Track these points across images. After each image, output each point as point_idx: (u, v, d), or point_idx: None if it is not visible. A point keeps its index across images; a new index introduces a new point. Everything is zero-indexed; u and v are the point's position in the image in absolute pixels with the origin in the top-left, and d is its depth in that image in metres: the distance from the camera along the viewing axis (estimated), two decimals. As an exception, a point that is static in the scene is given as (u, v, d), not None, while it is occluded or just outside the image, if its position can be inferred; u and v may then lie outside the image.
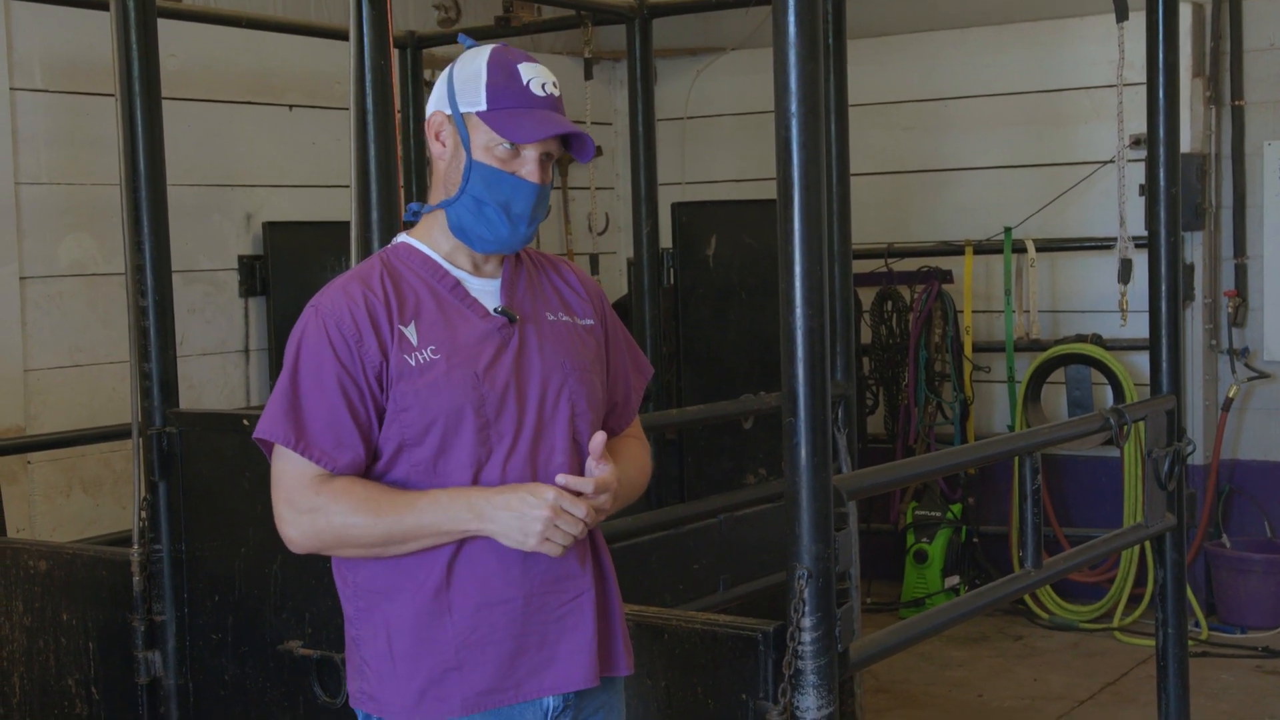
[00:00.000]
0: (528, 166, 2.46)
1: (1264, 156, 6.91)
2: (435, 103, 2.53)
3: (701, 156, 8.27)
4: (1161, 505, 4.18)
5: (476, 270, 2.55)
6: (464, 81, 2.48)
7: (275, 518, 2.46)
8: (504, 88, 2.45)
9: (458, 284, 2.52)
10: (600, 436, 2.45)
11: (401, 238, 2.59)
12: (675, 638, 3.01)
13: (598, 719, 2.58)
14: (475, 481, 2.43)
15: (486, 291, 2.53)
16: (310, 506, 2.42)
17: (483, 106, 2.45)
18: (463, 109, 2.47)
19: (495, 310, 2.51)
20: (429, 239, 2.56)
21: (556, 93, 2.49)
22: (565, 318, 2.59)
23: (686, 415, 5.21)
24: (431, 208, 2.54)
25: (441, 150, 2.52)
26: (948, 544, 7.06)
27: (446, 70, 2.54)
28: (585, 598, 2.50)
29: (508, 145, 2.45)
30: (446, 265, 2.54)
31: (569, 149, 2.52)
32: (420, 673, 2.44)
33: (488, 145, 2.46)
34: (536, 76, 2.47)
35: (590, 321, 2.62)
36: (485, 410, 2.43)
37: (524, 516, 2.37)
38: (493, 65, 2.47)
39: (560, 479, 2.41)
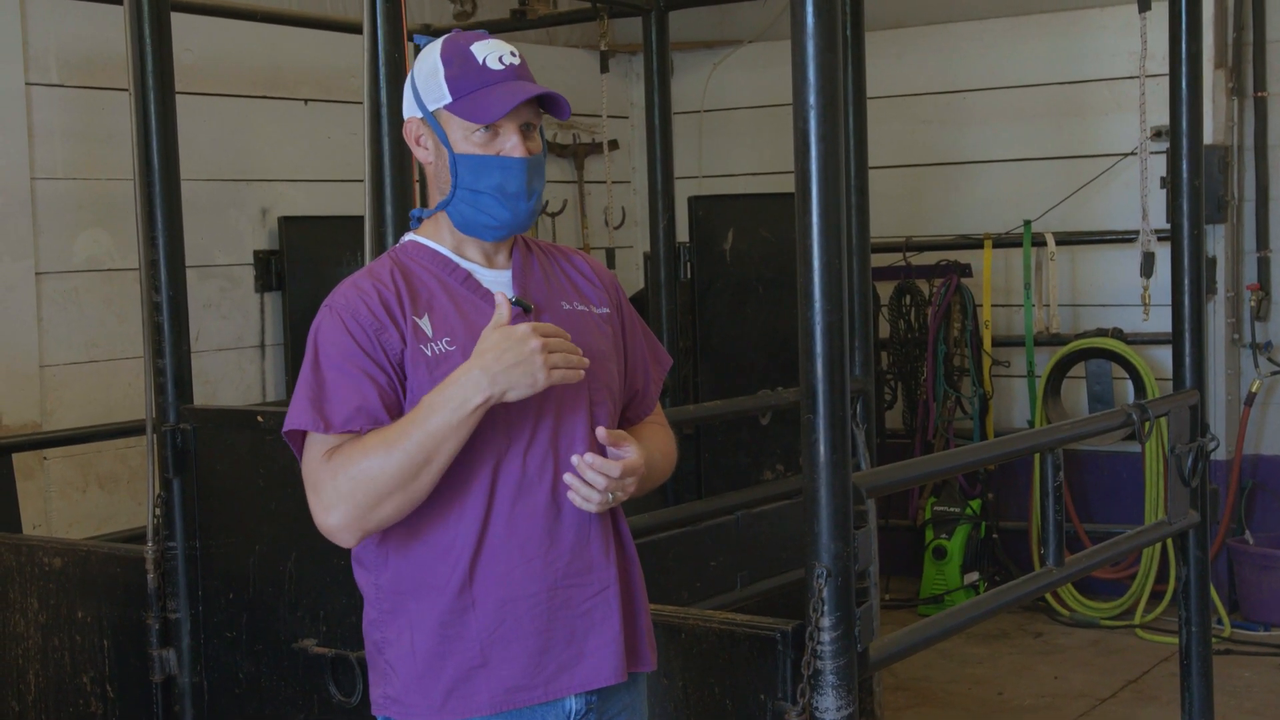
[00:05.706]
0: (510, 142, 2.44)
1: (1287, 149, 6.87)
2: (407, 109, 2.53)
3: (718, 150, 8.23)
4: (1185, 502, 4.14)
5: (488, 262, 2.53)
6: (425, 80, 2.47)
7: (313, 517, 2.38)
8: (462, 74, 2.44)
9: (469, 276, 2.50)
10: (602, 430, 2.42)
11: (409, 237, 2.58)
12: (692, 637, 2.98)
13: (620, 720, 2.55)
14: (496, 474, 2.40)
15: (499, 283, 2.51)
16: (334, 479, 2.34)
17: (448, 99, 2.44)
18: (431, 107, 2.47)
19: (510, 301, 2.48)
20: (436, 236, 2.54)
21: (517, 61, 2.47)
22: (581, 306, 2.56)
23: (703, 410, 5.18)
24: (431, 211, 2.53)
25: (425, 154, 2.51)
26: (967, 540, 7.02)
27: (409, 75, 2.52)
28: (611, 591, 2.47)
29: (482, 129, 2.43)
30: (456, 259, 2.52)
31: (548, 110, 2.49)
32: (446, 671, 2.41)
33: (464, 135, 2.44)
34: (492, 52, 2.45)
35: (606, 310, 2.60)
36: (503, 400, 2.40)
37: (519, 354, 2.30)
38: (447, 56, 2.46)
39: (589, 457, 2.37)
